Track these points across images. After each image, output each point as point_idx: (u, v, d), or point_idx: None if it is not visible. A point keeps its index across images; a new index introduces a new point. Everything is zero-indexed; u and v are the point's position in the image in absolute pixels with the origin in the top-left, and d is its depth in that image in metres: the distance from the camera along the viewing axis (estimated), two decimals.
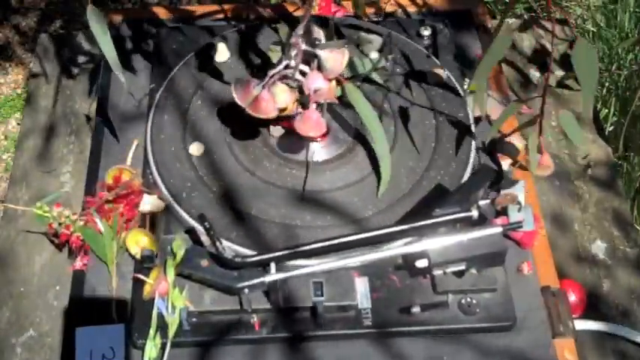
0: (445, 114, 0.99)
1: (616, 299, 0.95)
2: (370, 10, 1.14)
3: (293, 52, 0.80)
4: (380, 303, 0.83)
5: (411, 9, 1.16)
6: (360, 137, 0.96)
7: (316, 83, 0.81)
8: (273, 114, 0.82)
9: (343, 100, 0.89)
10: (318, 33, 0.86)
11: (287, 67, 0.81)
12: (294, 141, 0.94)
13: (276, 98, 0.82)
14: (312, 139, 0.93)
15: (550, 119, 1.10)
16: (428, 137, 0.96)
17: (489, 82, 1.04)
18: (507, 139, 0.96)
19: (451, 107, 0.99)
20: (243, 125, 0.96)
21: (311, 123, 0.83)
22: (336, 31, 1.04)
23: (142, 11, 1.20)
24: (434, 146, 0.95)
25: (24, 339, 0.90)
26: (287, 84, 0.82)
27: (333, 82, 0.84)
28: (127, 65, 1.07)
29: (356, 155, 0.95)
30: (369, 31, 1.08)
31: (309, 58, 0.82)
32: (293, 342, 0.82)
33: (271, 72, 0.81)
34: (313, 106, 0.83)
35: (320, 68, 0.82)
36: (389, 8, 1.15)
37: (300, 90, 0.83)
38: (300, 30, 0.80)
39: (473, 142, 0.96)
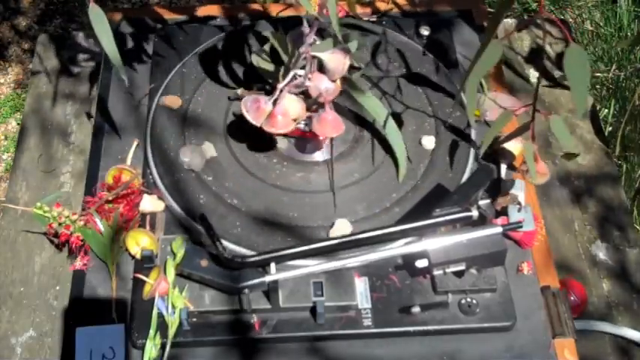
0: (444, 117, 0.99)
1: (616, 299, 0.95)
2: (368, 10, 1.14)
3: (301, 61, 0.80)
4: (380, 303, 0.83)
5: (411, 9, 1.16)
6: (360, 137, 0.96)
7: (324, 84, 0.81)
8: (290, 126, 0.82)
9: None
10: (310, 36, 0.86)
11: (294, 77, 0.81)
12: (307, 142, 0.94)
13: (290, 111, 0.82)
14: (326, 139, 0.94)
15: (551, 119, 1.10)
16: (426, 139, 0.96)
17: (490, 83, 1.04)
18: (503, 145, 0.95)
19: (449, 109, 0.99)
20: (243, 125, 0.96)
21: (329, 123, 0.83)
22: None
23: (142, 11, 1.19)
24: (432, 149, 0.95)
25: (24, 339, 0.90)
26: (294, 93, 0.82)
27: (338, 80, 0.84)
28: (127, 65, 1.07)
29: (357, 155, 0.95)
30: (362, 29, 1.08)
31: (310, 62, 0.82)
32: (293, 342, 0.82)
33: (280, 85, 0.81)
34: (327, 106, 0.83)
35: (322, 70, 0.82)
36: (388, 8, 1.15)
37: (306, 94, 0.83)
38: (309, 39, 0.80)
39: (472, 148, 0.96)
